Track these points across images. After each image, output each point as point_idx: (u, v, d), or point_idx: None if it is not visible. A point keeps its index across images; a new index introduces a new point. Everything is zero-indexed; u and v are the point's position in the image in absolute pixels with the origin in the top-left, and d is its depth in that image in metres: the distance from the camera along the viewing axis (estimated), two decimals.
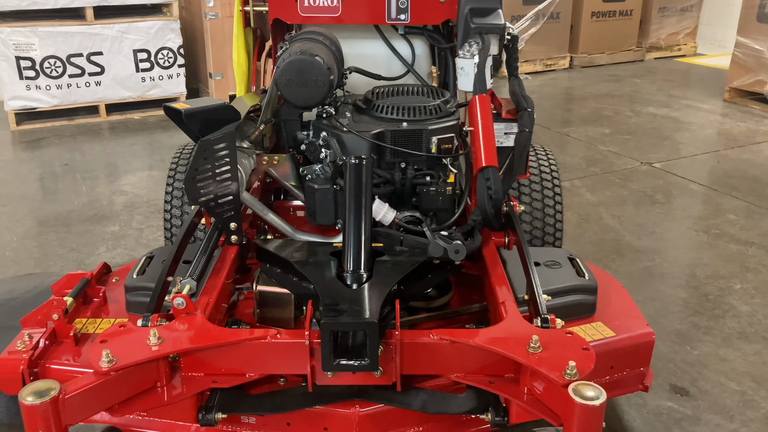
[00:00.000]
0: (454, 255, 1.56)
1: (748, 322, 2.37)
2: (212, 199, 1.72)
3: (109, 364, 1.31)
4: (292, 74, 1.73)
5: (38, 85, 4.44)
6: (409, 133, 1.81)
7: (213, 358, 1.44)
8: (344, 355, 1.35)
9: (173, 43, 4.72)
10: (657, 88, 5.69)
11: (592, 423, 1.23)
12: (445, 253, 1.57)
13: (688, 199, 3.45)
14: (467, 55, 2.01)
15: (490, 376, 1.45)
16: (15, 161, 3.99)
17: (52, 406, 1.22)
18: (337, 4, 2.09)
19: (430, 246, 1.57)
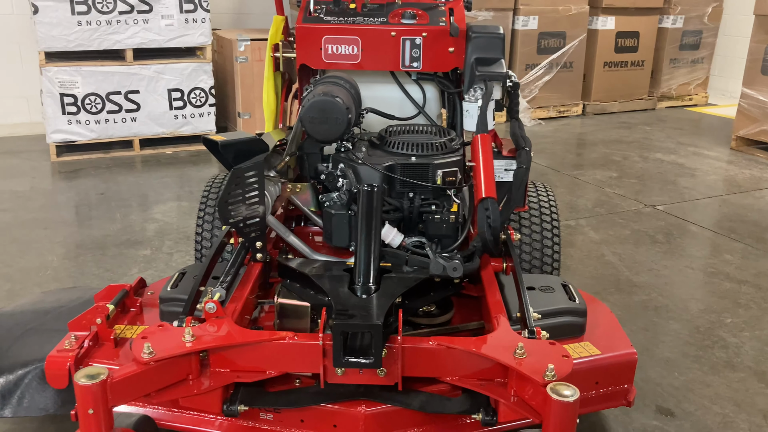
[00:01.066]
0: (452, 272, 1.76)
1: (735, 353, 2.52)
2: (241, 221, 1.94)
3: (149, 355, 1.52)
4: (315, 113, 1.97)
5: (79, 120, 4.76)
6: (417, 167, 2.03)
7: (238, 356, 1.64)
8: (352, 354, 1.54)
9: (205, 83, 5.04)
10: (666, 136, 5.89)
11: (567, 418, 1.41)
12: (444, 271, 1.76)
13: (688, 240, 3.62)
14: (472, 99, 2.25)
15: (482, 380, 1.64)
16: (55, 190, 4.28)
17: (101, 388, 1.43)
18: (357, 52, 2.35)
19: (432, 264, 1.77)
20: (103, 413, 1.44)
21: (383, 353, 1.59)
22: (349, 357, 1.53)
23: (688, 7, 6.75)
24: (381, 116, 2.36)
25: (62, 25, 4.53)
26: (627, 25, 6.51)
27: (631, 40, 6.58)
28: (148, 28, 4.77)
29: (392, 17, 2.36)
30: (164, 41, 4.85)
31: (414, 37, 2.32)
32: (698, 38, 6.97)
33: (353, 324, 1.54)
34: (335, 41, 2.32)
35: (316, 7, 2.39)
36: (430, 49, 2.33)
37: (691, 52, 7.00)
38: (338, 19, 2.35)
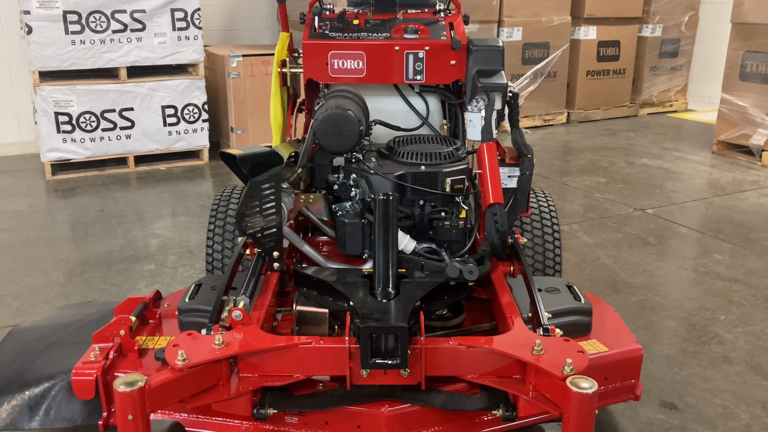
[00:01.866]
0: (468, 275, 1.84)
1: (731, 348, 2.62)
2: (258, 231, 2.01)
3: (183, 362, 1.57)
4: (329, 126, 2.05)
5: (74, 138, 4.79)
6: (426, 175, 2.11)
7: (265, 361, 1.70)
8: (379, 356, 1.61)
9: (198, 100, 5.09)
10: (650, 141, 6.04)
11: (587, 409, 1.49)
12: (460, 274, 1.84)
13: (678, 241, 3.74)
14: (475, 109, 2.34)
15: (500, 378, 1.71)
16: (54, 208, 4.30)
17: (140, 394, 1.48)
18: (362, 67, 2.43)
19: (448, 268, 1.85)
20: (142, 419, 1.50)
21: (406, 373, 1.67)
22: (376, 359, 1.60)
23: (666, 16, 6.94)
24: (388, 128, 2.44)
25: (56, 44, 4.57)
26: (608, 34, 6.67)
27: (613, 49, 6.74)
28: (142, 46, 4.82)
29: (395, 32, 2.45)
30: (157, 59, 4.91)
31: (417, 51, 2.41)
32: (676, 46, 7.16)
33: (380, 327, 1.61)
34: (341, 56, 2.40)
35: (320, 24, 2.47)
36: (433, 62, 2.42)
37: (670, 60, 7.18)
38: (343, 35, 2.43)
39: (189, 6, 4.88)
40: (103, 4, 4.61)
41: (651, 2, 6.79)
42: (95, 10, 4.61)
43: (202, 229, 3.82)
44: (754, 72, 5.21)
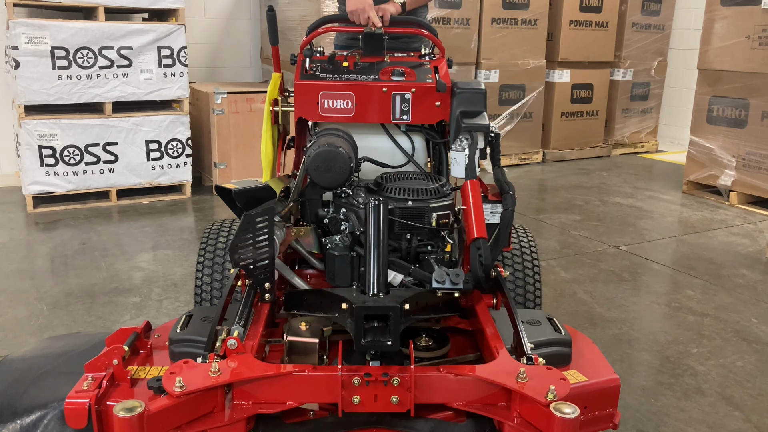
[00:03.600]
0: (455, 277, 1.91)
1: (704, 380, 2.72)
2: (251, 263, 2.07)
3: (181, 389, 1.62)
4: (320, 162, 2.13)
5: (57, 172, 4.81)
6: (413, 210, 2.20)
7: (259, 389, 1.75)
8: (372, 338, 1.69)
9: (182, 135, 5.16)
10: (623, 181, 6.23)
11: None
12: (448, 278, 1.91)
13: (651, 277, 3.86)
14: (459, 148, 2.44)
15: (486, 405, 1.78)
16: (36, 240, 4.30)
17: (138, 420, 1.52)
18: (351, 106, 2.53)
19: (436, 272, 1.92)
20: None
21: (396, 381, 1.73)
22: (369, 339, 1.67)
23: (636, 61, 7.22)
24: (375, 165, 2.54)
25: (43, 79, 4.62)
26: (581, 77, 6.91)
27: (586, 91, 6.98)
28: (128, 82, 4.90)
29: (383, 74, 2.56)
30: (143, 94, 4.98)
31: (404, 93, 2.52)
32: (647, 90, 7.43)
33: (374, 306, 1.69)
34: (331, 96, 2.51)
35: (311, 65, 2.58)
36: (419, 103, 2.53)
37: (641, 103, 7.45)
38: (333, 76, 2.54)
39: (175, 44, 4.98)
40: (91, 41, 4.70)
41: (622, 48, 7.07)
42: (83, 47, 4.68)
43: (185, 263, 3.85)
44: (720, 116, 5.44)
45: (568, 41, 6.70)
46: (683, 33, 7.43)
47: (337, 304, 1.94)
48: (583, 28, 6.73)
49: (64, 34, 4.61)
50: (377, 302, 1.84)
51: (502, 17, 6.31)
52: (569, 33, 6.69)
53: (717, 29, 5.38)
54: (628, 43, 7.09)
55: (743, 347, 3.00)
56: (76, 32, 4.64)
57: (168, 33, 4.93)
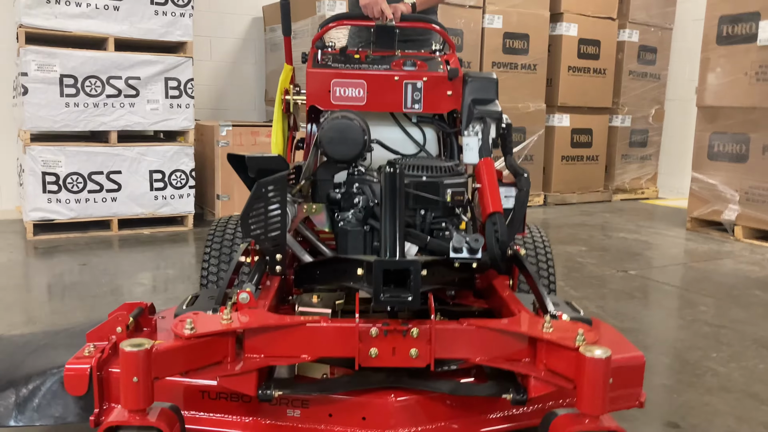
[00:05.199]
0: (474, 243, 1.84)
1: (727, 379, 2.62)
2: (262, 233, 2.01)
3: (191, 331, 1.54)
4: (335, 133, 2.12)
5: (59, 199, 4.78)
6: (428, 185, 2.17)
7: (272, 342, 1.67)
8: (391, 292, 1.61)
9: (186, 166, 5.17)
10: (625, 220, 6.22)
11: (602, 376, 1.48)
12: (466, 245, 1.85)
13: (663, 295, 3.79)
14: (471, 133, 2.43)
15: (510, 361, 1.70)
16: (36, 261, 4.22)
17: (146, 356, 1.44)
18: (363, 95, 2.53)
19: (454, 238, 1.86)
20: (146, 383, 1.45)
21: (415, 332, 1.65)
22: (388, 294, 1.59)
23: (634, 108, 7.35)
24: (387, 150, 2.52)
25: (50, 106, 4.66)
26: (581, 122, 7.01)
27: (585, 136, 7.06)
28: (134, 112, 4.93)
29: (394, 65, 2.57)
30: (149, 124, 5.02)
31: (415, 81, 2.53)
32: (645, 137, 7.52)
33: (393, 261, 1.62)
34: (343, 84, 2.51)
35: (323, 56, 2.60)
36: (430, 92, 2.53)
37: (639, 149, 7.52)
38: (345, 65, 2.55)
39: (183, 76, 5.05)
40: (100, 69, 4.76)
41: (620, 94, 7.21)
42: (92, 75, 4.74)
43: (188, 281, 3.78)
44: (722, 151, 5.48)
45: (567, 86, 6.82)
46: (679, 84, 7.58)
47: (353, 269, 1.88)
48: (582, 74, 6.88)
49: (74, 62, 4.68)
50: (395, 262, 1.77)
51: (503, 61, 6.45)
52: (568, 78, 6.82)
53: (714, 67, 5.49)
54: (625, 90, 7.23)
55: (764, 353, 2.91)
56: (86, 61, 4.71)
57: (176, 65, 5.01)
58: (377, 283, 1.64)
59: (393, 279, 1.71)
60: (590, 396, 1.48)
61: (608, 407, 1.51)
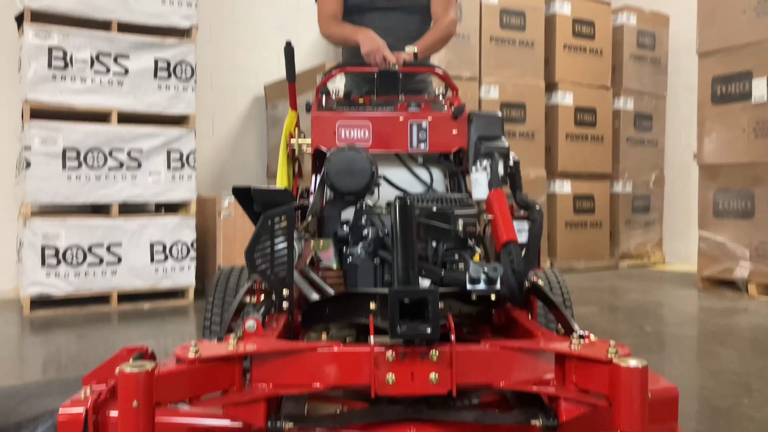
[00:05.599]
0: (492, 272, 1.75)
1: (764, 423, 2.46)
2: (268, 268, 1.93)
3: (195, 354, 1.44)
4: (341, 164, 2.07)
5: (58, 273, 4.69)
6: (438, 215, 2.10)
7: (281, 369, 1.55)
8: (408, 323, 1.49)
9: (188, 237, 5.11)
10: (635, 284, 6.10)
11: (639, 386, 1.37)
12: (484, 273, 1.75)
13: (682, 348, 3.65)
14: (480, 169, 2.39)
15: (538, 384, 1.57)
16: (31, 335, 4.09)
17: (147, 378, 1.33)
18: (368, 136, 2.51)
19: (471, 268, 1.77)
20: (146, 409, 1.34)
21: (435, 355, 1.54)
22: (405, 326, 1.47)
23: (635, 173, 7.37)
24: (394, 188, 2.47)
25: (52, 179, 4.65)
26: (582, 188, 7.01)
27: (588, 202, 7.05)
28: (136, 184, 4.93)
29: (399, 108, 2.57)
30: (150, 196, 5.00)
31: (420, 121, 2.52)
32: (647, 202, 7.51)
33: (410, 290, 1.51)
34: (348, 125, 2.49)
35: (327, 101, 2.60)
36: (436, 131, 2.51)
37: (643, 215, 7.50)
38: (350, 108, 2.54)
39: (185, 148, 5.08)
40: (103, 142, 4.79)
41: (619, 160, 7.25)
42: (94, 148, 4.77)
43: None
44: (727, 208, 5.44)
45: (566, 153, 6.87)
46: (677, 151, 7.64)
47: (365, 304, 1.78)
48: (580, 141, 6.94)
49: (77, 135, 4.71)
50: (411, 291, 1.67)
51: None
52: (566, 146, 6.88)
53: (711, 126, 5.54)
54: (624, 156, 7.28)
55: None
56: (89, 134, 4.75)
57: (178, 137, 5.05)
58: (393, 315, 1.53)
59: (409, 311, 1.61)
60: (628, 411, 1.36)
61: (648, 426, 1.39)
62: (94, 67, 4.77)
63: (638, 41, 7.34)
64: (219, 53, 6.50)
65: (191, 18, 5.10)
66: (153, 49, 4.95)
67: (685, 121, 7.20)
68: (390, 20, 3.19)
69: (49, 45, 4.63)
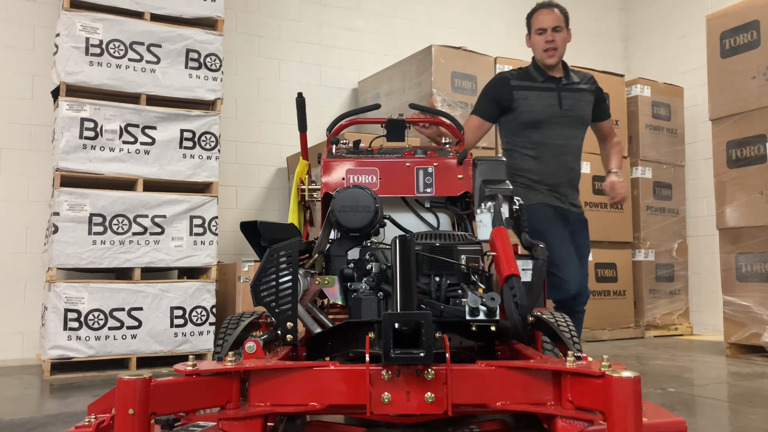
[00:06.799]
0: (490, 302, 1.77)
1: None
2: (273, 300, 1.97)
3: (193, 368, 1.47)
4: (346, 202, 2.14)
5: (79, 336, 4.75)
6: (442, 251, 2.14)
7: (279, 388, 1.56)
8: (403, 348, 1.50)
9: (207, 302, 5.16)
10: (661, 352, 5.95)
11: (631, 398, 1.36)
12: (482, 302, 1.77)
13: (707, 408, 3.53)
14: (484, 210, 2.44)
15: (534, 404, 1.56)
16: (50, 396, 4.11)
17: (143, 386, 1.37)
18: (376, 181, 2.59)
19: (469, 297, 1.79)
20: (142, 417, 1.36)
21: (430, 375, 1.55)
22: (399, 351, 1.49)
23: (657, 242, 7.32)
24: (399, 229, 2.52)
25: (78, 243, 4.79)
26: (603, 257, 6.96)
27: (610, 270, 6.98)
28: (158, 249, 5.04)
29: (406, 155, 2.66)
30: (172, 261, 5.10)
31: (427, 167, 2.60)
32: (671, 271, 7.41)
33: (404, 314, 1.53)
34: (357, 171, 2.58)
35: (337, 150, 2.70)
36: (441, 176, 2.59)
37: (667, 284, 7.38)
38: (359, 155, 2.64)
39: (207, 214, 5.21)
40: (128, 209, 4.95)
41: (640, 229, 7.22)
42: (119, 214, 4.92)
43: None
44: (750, 272, 5.36)
45: None
46: (699, 220, 7.60)
47: (364, 333, 1.81)
48: (599, 209, 6.96)
49: (104, 201, 4.87)
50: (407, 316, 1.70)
51: None
52: (586, 213, 6.88)
53: (729, 189, 5.54)
54: (645, 224, 7.25)
55: None
56: (115, 200, 4.91)
57: (201, 204, 5.20)
58: (387, 339, 1.56)
59: (405, 339, 1.63)
60: (621, 423, 1.35)
61: None
62: (122, 137, 4.99)
63: (653, 112, 7.46)
64: (244, 128, 6.76)
65: (216, 91, 5.35)
66: (179, 120, 5.18)
67: (706, 190, 7.19)
68: (565, 136, 3.55)
69: (82, 116, 4.87)
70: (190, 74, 5.25)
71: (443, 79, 6.18)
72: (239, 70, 6.77)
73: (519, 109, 3.45)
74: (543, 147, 3.54)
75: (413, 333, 1.60)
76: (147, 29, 5.10)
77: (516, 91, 3.44)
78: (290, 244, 2.00)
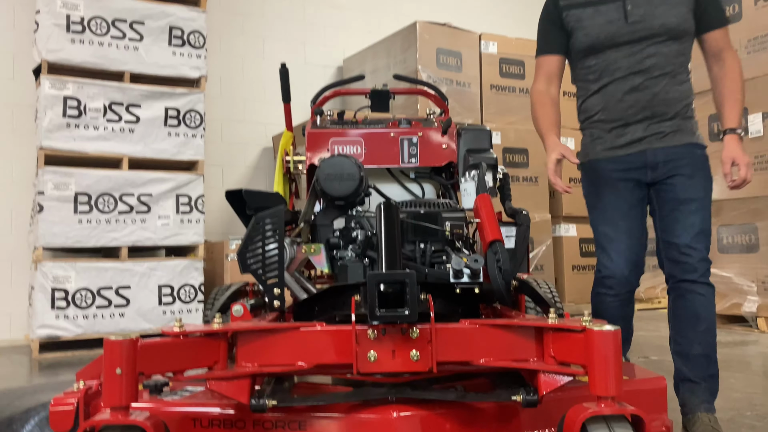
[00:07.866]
0: (474, 263, 1.80)
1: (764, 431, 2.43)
2: (260, 267, 1.99)
3: (180, 329, 1.49)
4: (331, 170, 2.15)
5: (67, 315, 4.75)
6: (426, 217, 2.17)
7: (266, 349, 1.59)
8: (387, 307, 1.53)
9: (195, 280, 5.17)
10: (645, 324, 6.05)
11: (611, 350, 1.40)
12: (466, 265, 1.80)
13: None
14: (468, 179, 2.47)
15: (517, 360, 1.60)
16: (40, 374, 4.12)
17: (131, 346, 1.39)
18: (361, 152, 2.61)
19: (453, 260, 1.82)
20: (129, 377, 1.38)
21: (415, 333, 1.58)
22: (384, 310, 1.52)
23: None
24: (384, 198, 2.54)
25: (64, 222, 4.77)
26: (588, 232, 6.96)
27: (594, 245, 7.04)
28: (145, 227, 5.03)
29: (391, 125, 2.67)
30: (159, 239, 5.09)
31: (411, 137, 2.61)
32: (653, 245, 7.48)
33: (388, 273, 1.56)
34: (341, 142, 2.59)
35: (321, 121, 2.71)
36: (426, 146, 2.61)
37: (650, 258, 7.45)
38: (343, 126, 2.65)
39: (194, 192, 5.21)
40: (113, 187, 4.93)
41: None
42: (105, 193, 4.90)
43: None
44: (731, 243, 5.44)
45: (570, 197, 6.92)
46: None
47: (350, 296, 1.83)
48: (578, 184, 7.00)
49: (89, 180, 4.85)
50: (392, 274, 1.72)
51: None
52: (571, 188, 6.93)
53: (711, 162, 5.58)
54: None
55: None
56: (100, 179, 4.89)
57: (187, 182, 5.18)
58: (372, 299, 1.58)
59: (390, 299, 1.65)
60: (602, 375, 1.39)
61: (623, 388, 1.40)
62: (106, 115, 4.96)
63: None
64: (229, 107, 6.72)
65: (200, 69, 5.31)
66: (163, 98, 5.14)
67: None
68: (637, 57, 2.63)
69: (65, 95, 4.83)
70: (174, 52, 5.21)
71: (428, 55, 6.17)
72: (223, 48, 6.72)
73: (573, 35, 2.66)
74: (607, 74, 2.67)
75: (398, 294, 1.63)
76: (129, 6, 5.05)
77: (566, 12, 2.61)
78: (276, 212, 2.02)
